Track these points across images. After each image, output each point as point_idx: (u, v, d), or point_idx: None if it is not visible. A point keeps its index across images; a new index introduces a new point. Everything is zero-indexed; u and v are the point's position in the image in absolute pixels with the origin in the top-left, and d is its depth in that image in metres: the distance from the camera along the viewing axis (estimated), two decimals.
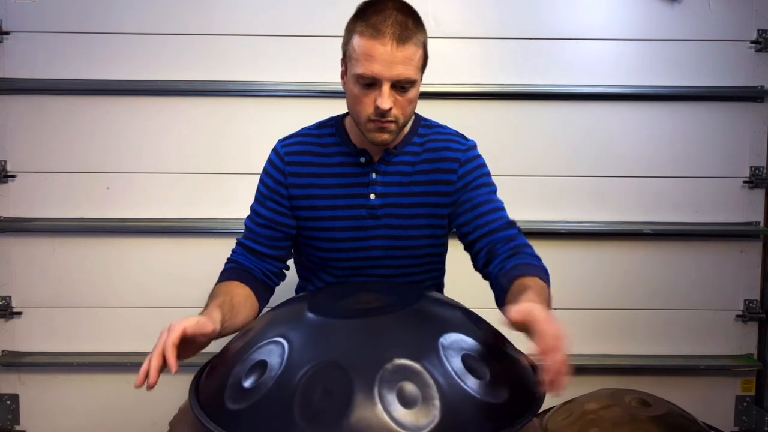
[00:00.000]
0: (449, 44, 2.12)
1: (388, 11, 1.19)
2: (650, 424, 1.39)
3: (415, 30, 1.20)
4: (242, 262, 1.36)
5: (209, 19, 2.11)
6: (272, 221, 1.37)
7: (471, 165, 1.37)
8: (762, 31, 2.15)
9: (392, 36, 1.17)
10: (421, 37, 1.23)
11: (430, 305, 1.10)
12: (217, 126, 2.14)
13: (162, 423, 1.13)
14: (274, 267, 1.38)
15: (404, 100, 1.23)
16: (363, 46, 1.18)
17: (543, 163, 2.18)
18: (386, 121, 1.23)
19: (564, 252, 2.20)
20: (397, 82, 1.20)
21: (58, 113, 2.12)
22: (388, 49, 1.17)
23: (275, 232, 1.37)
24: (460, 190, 1.36)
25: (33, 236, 2.16)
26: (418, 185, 1.36)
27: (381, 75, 1.18)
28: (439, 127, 1.43)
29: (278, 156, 1.37)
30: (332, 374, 0.88)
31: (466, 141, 1.41)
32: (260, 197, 1.39)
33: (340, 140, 1.37)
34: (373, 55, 1.17)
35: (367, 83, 1.20)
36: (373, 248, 1.37)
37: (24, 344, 2.19)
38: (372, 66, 1.18)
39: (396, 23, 1.18)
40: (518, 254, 1.26)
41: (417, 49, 1.21)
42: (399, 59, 1.18)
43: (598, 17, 2.15)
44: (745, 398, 2.27)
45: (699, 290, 2.23)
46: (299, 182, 1.36)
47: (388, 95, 1.19)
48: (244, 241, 1.38)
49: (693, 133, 2.19)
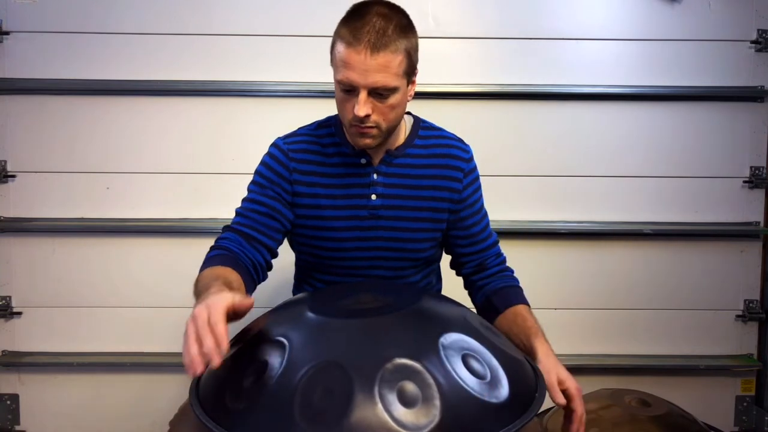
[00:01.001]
0: (449, 44, 2.12)
1: (368, 17, 1.19)
2: (650, 424, 1.39)
3: (395, 37, 1.19)
4: (232, 249, 1.29)
5: (209, 19, 2.11)
6: (274, 209, 1.34)
7: (472, 176, 1.42)
8: (762, 31, 2.15)
9: (367, 44, 1.17)
10: (402, 43, 1.21)
11: (430, 305, 1.10)
12: (217, 126, 2.14)
13: (162, 423, 1.13)
14: (261, 258, 1.32)
15: (384, 106, 1.23)
16: (341, 52, 1.20)
17: (543, 163, 2.18)
18: (366, 127, 1.24)
19: (564, 252, 2.20)
20: (373, 89, 1.20)
21: (58, 113, 2.12)
22: (362, 57, 1.17)
23: (274, 221, 1.34)
24: (463, 202, 1.40)
25: (33, 236, 2.16)
26: (421, 189, 1.37)
27: (357, 82, 1.19)
28: (439, 130, 1.44)
29: (281, 151, 1.36)
30: (332, 374, 0.88)
31: (466, 148, 1.43)
32: (258, 188, 1.35)
33: (339, 140, 1.37)
34: (349, 62, 1.18)
35: (346, 89, 1.22)
36: (373, 248, 1.37)
37: (24, 344, 2.19)
38: (348, 73, 1.19)
39: (373, 30, 1.17)
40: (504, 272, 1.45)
41: (395, 57, 1.19)
42: (373, 67, 1.18)
43: (598, 17, 2.15)
44: (745, 398, 2.27)
45: (699, 290, 2.23)
46: (303, 180, 1.35)
47: (364, 102, 1.20)
48: (239, 228, 1.32)
49: (693, 133, 2.19)
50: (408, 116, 1.41)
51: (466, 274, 1.46)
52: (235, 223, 1.34)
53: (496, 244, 1.47)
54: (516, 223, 2.18)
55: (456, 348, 0.95)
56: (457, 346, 0.96)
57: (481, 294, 1.42)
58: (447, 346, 0.95)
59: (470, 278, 1.45)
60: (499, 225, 2.14)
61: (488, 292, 1.40)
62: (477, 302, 1.44)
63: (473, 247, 1.43)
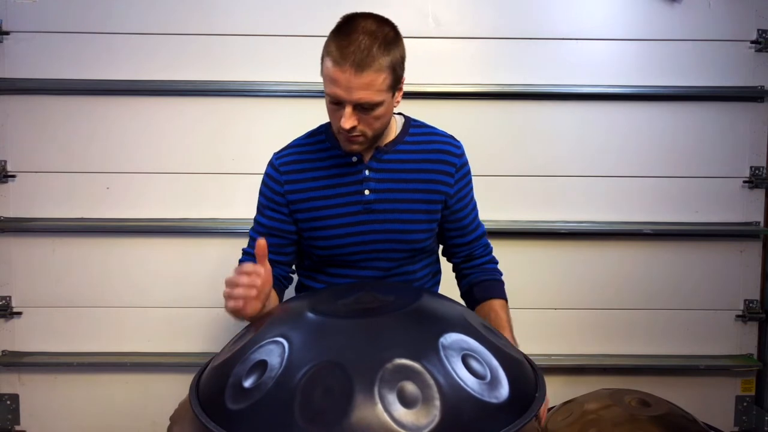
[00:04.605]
0: (449, 44, 2.12)
1: (355, 35, 1.22)
2: (650, 424, 1.40)
3: (379, 55, 1.23)
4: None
5: (209, 19, 2.11)
6: (274, 229, 1.43)
7: (464, 171, 1.47)
8: (762, 31, 2.15)
9: (352, 63, 1.21)
10: (386, 60, 1.24)
11: (430, 305, 1.10)
12: (217, 126, 2.14)
13: (162, 423, 1.13)
14: (282, 271, 1.45)
15: (370, 117, 1.28)
16: (328, 68, 1.24)
17: (543, 163, 2.18)
18: (353, 136, 1.30)
19: (564, 252, 2.20)
20: (358, 104, 1.25)
21: (58, 113, 2.12)
22: (346, 76, 1.22)
23: (278, 239, 1.43)
24: (455, 196, 1.45)
25: (33, 236, 2.16)
26: (414, 182, 1.41)
27: (342, 98, 1.24)
28: (431, 128, 1.49)
29: (273, 168, 1.44)
30: (333, 374, 0.88)
31: (458, 144, 1.47)
32: (261, 208, 1.45)
33: (330, 145, 1.43)
34: (335, 79, 1.23)
35: (333, 102, 1.28)
36: (370, 242, 1.41)
37: (24, 344, 2.19)
38: (334, 89, 1.24)
39: (359, 50, 1.21)
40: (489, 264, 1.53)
41: (378, 75, 1.23)
42: (357, 85, 1.22)
43: (598, 17, 2.15)
44: (745, 398, 2.27)
45: (699, 290, 2.23)
46: (296, 188, 1.41)
47: (350, 116, 1.26)
48: (251, 251, 1.44)
49: (693, 133, 2.19)
50: (398, 116, 1.47)
51: (456, 262, 1.56)
52: (249, 246, 1.47)
53: (484, 235, 1.55)
54: (516, 223, 2.18)
55: (456, 348, 0.95)
56: (457, 346, 0.96)
57: (465, 281, 1.53)
58: (447, 346, 0.95)
59: (459, 266, 1.55)
60: (499, 225, 2.14)
61: (472, 281, 1.50)
62: (461, 288, 1.54)
63: (463, 238, 1.51)
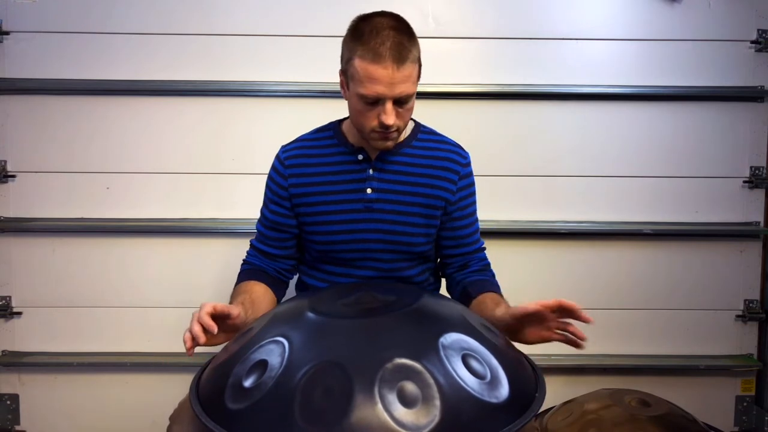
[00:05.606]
0: (449, 44, 2.12)
1: (385, 33, 1.25)
2: (650, 424, 1.39)
3: (411, 47, 1.27)
4: (255, 263, 1.48)
5: (209, 19, 2.11)
6: (277, 223, 1.46)
7: (467, 181, 1.47)
8: (762, 31, 2.15)
9: (392, 59, 1.24)
10: (416, 51, 1.29)
11: (430, 305, 1.10)
12: (217, 126, 2.14)
13: (162, 423, 1.13)
14: (284, 265, 1.49)
15: (404, 111, 1.31)
16: (365, 68, 1.25)
17: (543, 163, 2.18)
18: (390, 132, 1.32)
19: (564, 252, 2.20)
20: (397, 99, 1.27)
21: (58, 113, 2.12)
22: (389, 72, 1.24)
23: (281, 233, 1.46)
24: (455, 203, 1.45)
25: (33, 236, 2.16)
26: (416, 186, 1.42)
27: (384, 95, 1.26)
28: (440, 135, 1.50)
29: (279, 161, 1.46)
30: (333, 374, 0.88)
31: (464, 154, 1.48)
32: (266, 201, 1.48)
33: (337, 142, 1.44)
34: (376, 77, 1.25)
35: (369, 102, 1.28)
36: (369, 240, 1.42)
37: (24, 344, 2.19)
38: (375, 87, 1.25)
39: (394, 45, 1.24)
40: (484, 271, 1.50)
41: (414, 66, 1.28)
42: (399, 79, 1.25)
43: (598, 17, 2.15)
44: (745, 398, 2.27)
45: (699, 290, 2.23)
46: (299, 182, 1.42)
47: (392, 111, 1.28)
48: (256, 244, 1.50)
49: (693, 133, 2.18)
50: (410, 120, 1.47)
51: (449, 273, 1.53)
52: (254, 239, 1.51)
53: (483, 251, 1.53)
54: (516, 223, 2.18)
55: (456, 348, 0.95)
56: (457, 346, 0.96)
57: (459, 286, 1.49)
58: (447, 346, 0.95)
59: (452, 276, 1.52)
60: (499, 225, 2.14)
61: (465, 283, 1.47)
62: (455, 295, 1.50)
63: (458, 249, 1.49)
